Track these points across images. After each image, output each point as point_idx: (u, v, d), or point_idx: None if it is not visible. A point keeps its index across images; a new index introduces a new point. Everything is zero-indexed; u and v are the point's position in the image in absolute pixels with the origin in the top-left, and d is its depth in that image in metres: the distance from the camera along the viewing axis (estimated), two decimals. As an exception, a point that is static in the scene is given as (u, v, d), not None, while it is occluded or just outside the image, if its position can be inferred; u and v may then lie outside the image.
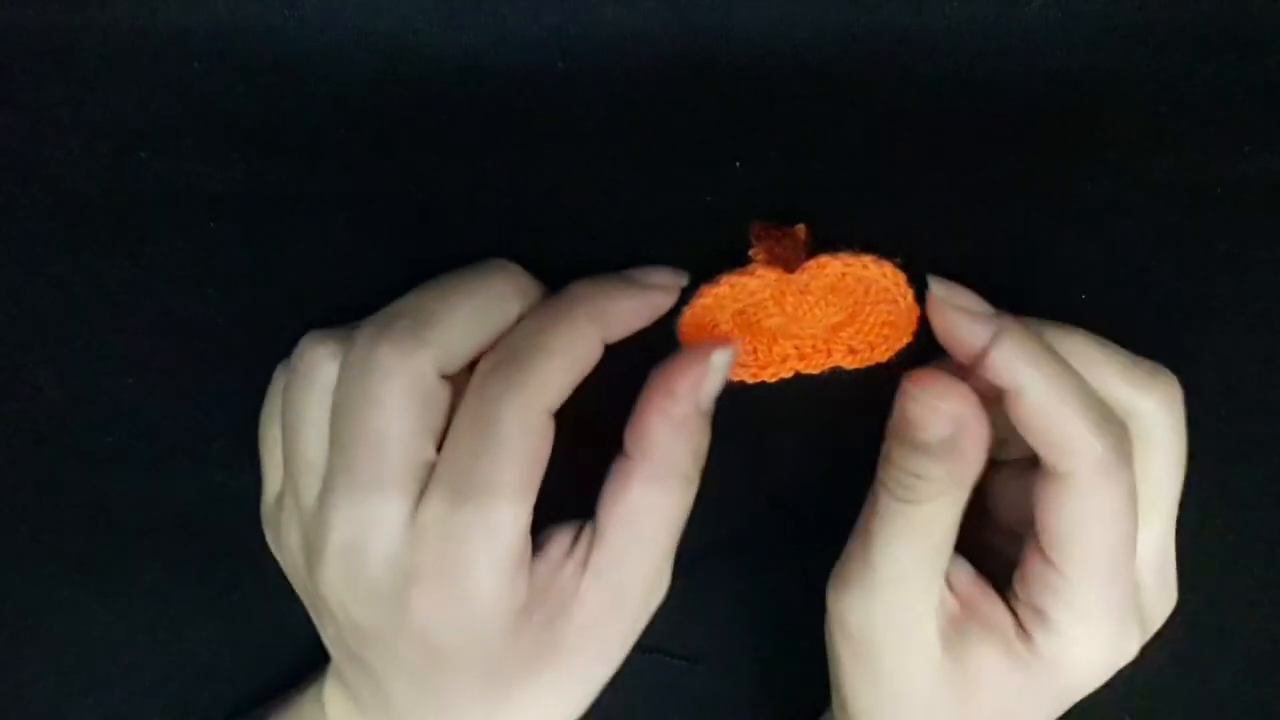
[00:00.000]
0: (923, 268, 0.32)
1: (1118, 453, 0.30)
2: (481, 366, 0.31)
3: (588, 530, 0.32)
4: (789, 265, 0.32)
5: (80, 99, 0.32)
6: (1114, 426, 0.30)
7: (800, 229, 0.33)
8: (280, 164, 0.33)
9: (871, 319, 0.34)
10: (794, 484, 0.39)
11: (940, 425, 0.30)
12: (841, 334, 0.34)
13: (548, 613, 0.31)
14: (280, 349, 0.34)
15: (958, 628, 0.32)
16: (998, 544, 0.35)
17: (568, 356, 0.30)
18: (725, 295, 0.32)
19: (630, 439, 0.31)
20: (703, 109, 0.32)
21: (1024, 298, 0.34)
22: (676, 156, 0.33)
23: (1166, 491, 0.32)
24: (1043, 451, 0.30)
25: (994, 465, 0.36)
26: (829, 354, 0.35)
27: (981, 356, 0.30)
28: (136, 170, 0.33)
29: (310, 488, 0.32)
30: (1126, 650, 0.32)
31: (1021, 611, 0.32)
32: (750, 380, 0.35)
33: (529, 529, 0.30)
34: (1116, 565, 0.31)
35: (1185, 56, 0.31)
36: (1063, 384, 0.30)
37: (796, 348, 0.35)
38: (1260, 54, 0.32)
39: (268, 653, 0.40)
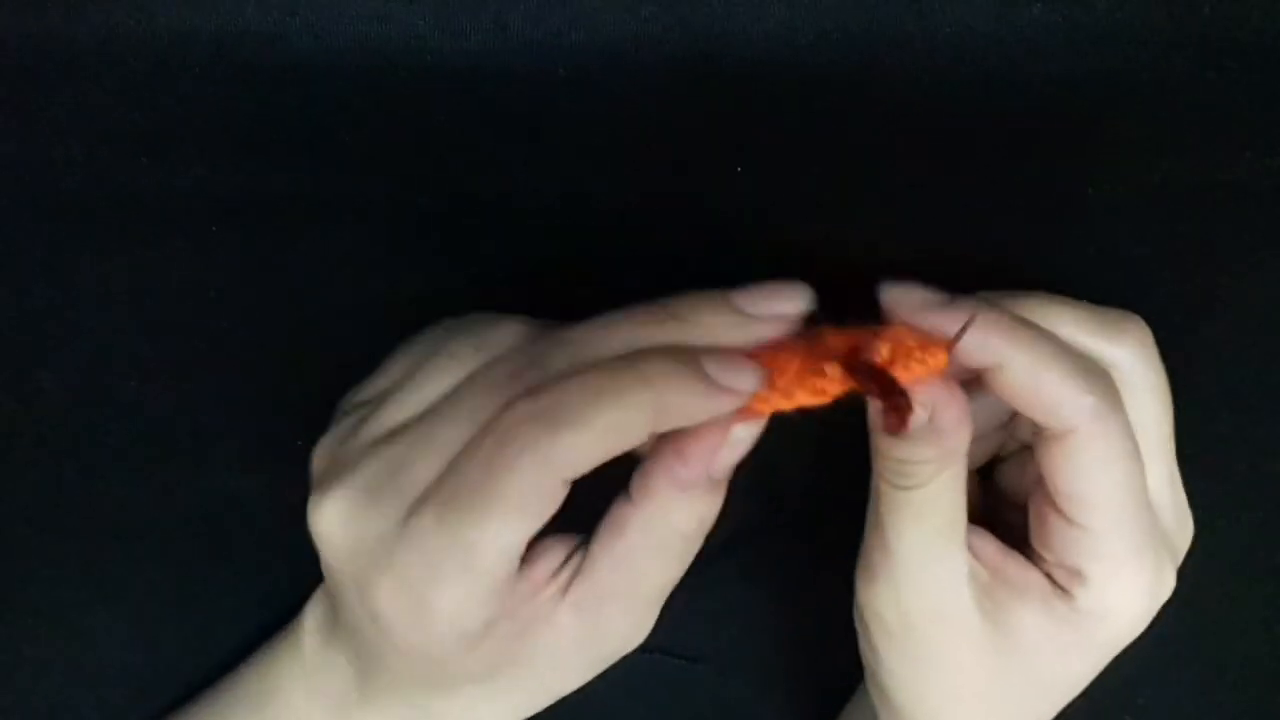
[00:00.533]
0: (932, 270, 0.32)
1: (1108, 398, 0.30)
2: (515, 401, 0.29)
3: (579, 556, 0.31)
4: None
5: (82, 104, 0.32)
6: (1098, 375, 0.30)
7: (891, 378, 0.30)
8: (282, 168, 0.33)
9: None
10: (794, 483, 0.39)
11: (917, 411, 0.29)
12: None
13: (515, 629, 0.30)
14: (283, 352, 0.34)
15: (991, 595, 0.32)
16: (1016, 521, 0.35)
17: (608, 436, 0.28)
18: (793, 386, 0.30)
19: (635, 485, 0.31)
20: (703, 114, 0.32)
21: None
22: (677, 161, 0.33)
23: (1160, 428, 0.33)
24: (1037, 417, 0.30)
25: (999, 459, 0.36)
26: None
27: (951, 344, 0.30)
28: (139, 174, 0.33)
29: (378, 424, 0.31)
30: (1165, 585, 0.32)
31: (1054, 572, 0.32)
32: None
33: (518, 558, 0.30)
34: (1135, 505, 0.31)
35: (1187, 61, 0.31)
36: (1038, 349, 0.30)
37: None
38: (1261, 59, 0.32)
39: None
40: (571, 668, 0.32)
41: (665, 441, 0.30)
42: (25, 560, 0.39)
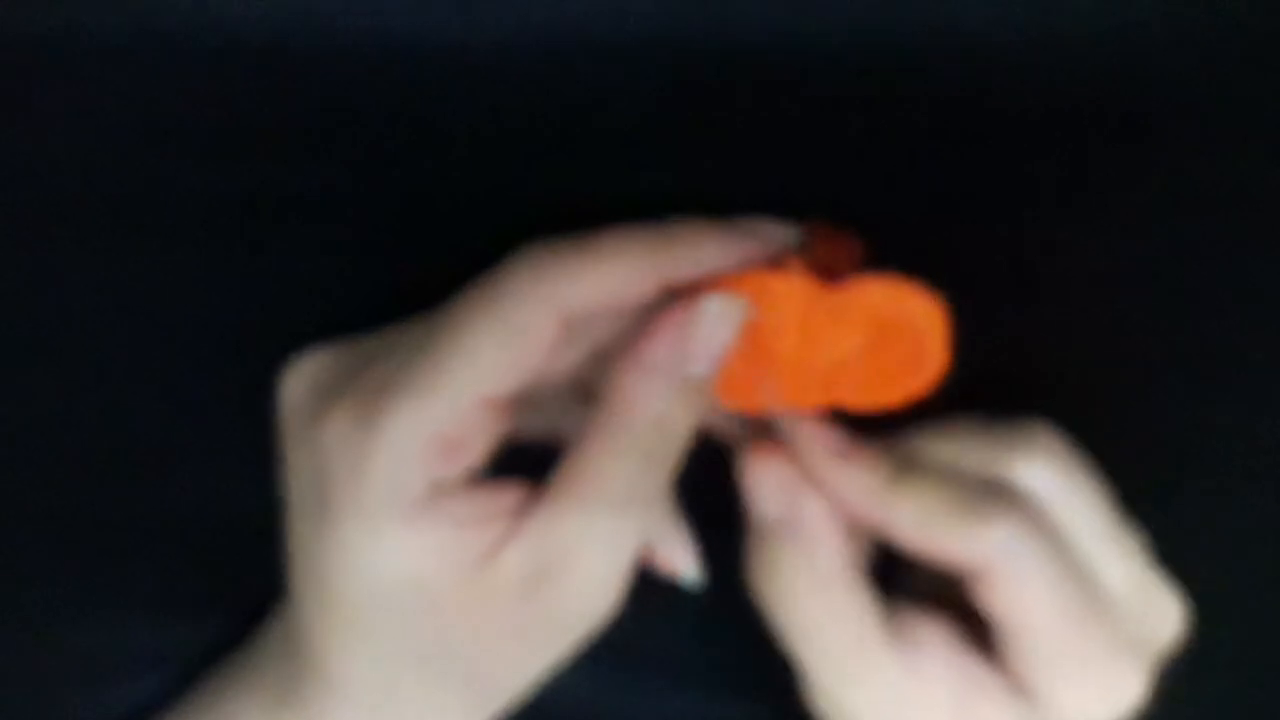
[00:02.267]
0: (962, 273, 0.32)
1: (1016, 528, 0.28)
2: None
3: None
4: (831, 275, 0.28)
5: (84, 102, 0.31)
6: (998, 508, 0.28)
7: (853, 236, 0.30)
8: (286, 167, 0.33)
9: (891, 352, 0.30)
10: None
11: (772, 500, 0.29)
12: (850, 369, 0.30)
13: (456, 557, 0.28)
14: (286, 353, 0.34)
15: (953, 695, 0.31)
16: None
17: (611, 268, 0.27)
18: (747, 290, 0.28)
19: (604, 385, 0.29)
20: (728, 109, 0.32)
21: (1062, 304, 0.34)
22: (687, 158, 0.33)
23: (1098, 528, 0.31)
24: (944, 565, 0.29)
25: None
26: (830, 389, 0.31)
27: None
28: (140, 173, 0.33)
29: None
30: (1128, 688, 0.31)
31: (1009, 676, 0.31)
32: (735, 409, 0.31)
33: (490, 400, 0.28)
34: (1077, 621, 0.29)
35: (1232, 62, 0.31)
36: (916, 504, 0.28)
37: (795, 379, 0.30)
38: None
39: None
40: (519, 639, 0.30)
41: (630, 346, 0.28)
42: (16, 563, 0.39)
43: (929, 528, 0.28)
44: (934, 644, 0.31)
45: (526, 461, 0.31)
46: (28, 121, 0.32)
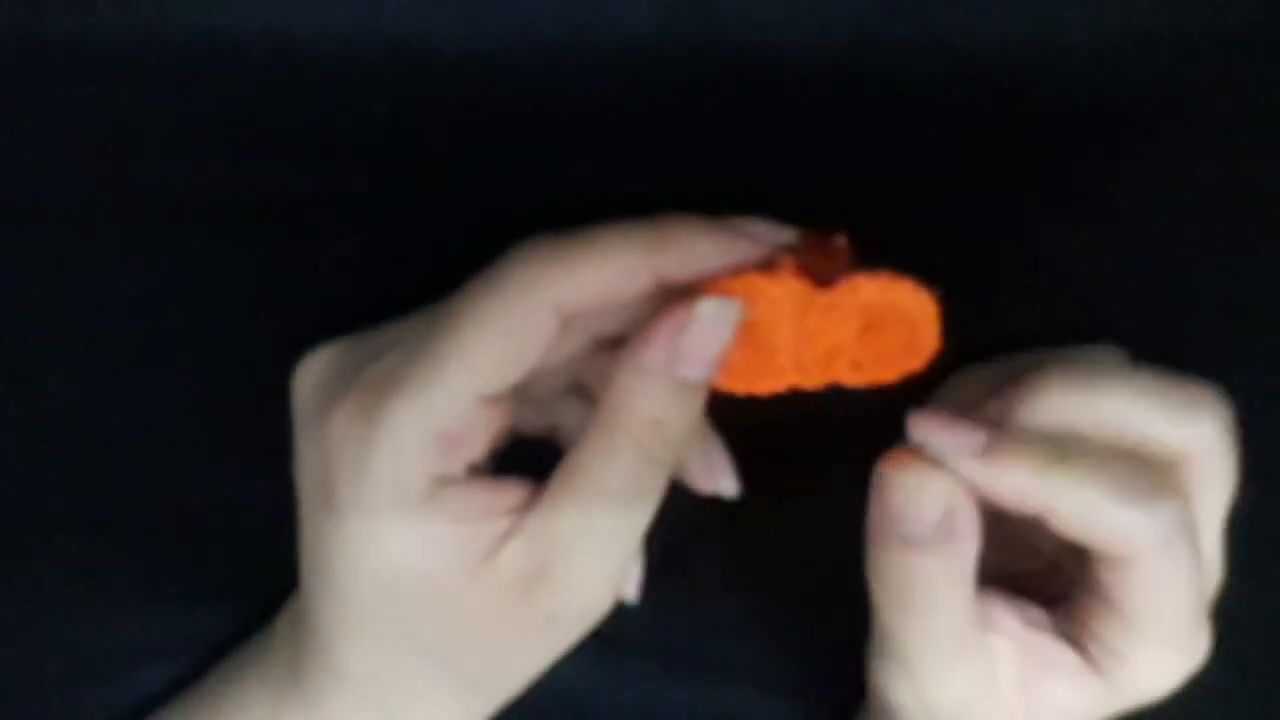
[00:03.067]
0: (961, 277, 0.31)
1: (1177, 520, 0.28)
2: None
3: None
4: (823, 279, 0.29)
5: (96, 104, 0.32)
6: (1163, 493, 0.28)
7: (842, 241, 0.30)
8: (295, 167, 0.33)
9: (886, 339, 0.31)
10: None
11: (930, 507, 0.28)
12: (848, 350, 0.31)
13: (456, 550, 0.29)
14: (295, 350, 0.34)
15: (1023, 672, 0.31)
16: (1024, 539, 0.33)
17: (607, 263, 0.28)
18: (742, 293, 0.29)
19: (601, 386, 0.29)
20: (730, 114, 0.32)
21: (1064, 305, 0.34)
22: (696, 160, 0.33)
23: (1219, 509, 0.31)
24: (1095, 550, 0.28)
25: None
26: (829, 368, 0.31)
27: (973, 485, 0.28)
28: (150, 173, 0.33)
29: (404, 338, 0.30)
30: (1201, 648, 0.31)
31: (1090, 646, 0.31)
32: (739, 392, 0.31)
33: (487, 394, 0.28)
34: (1192, 608, 0.30)
35: (1227, 64, 0.31)
36: (1087, 487, 0.27)
37: (796, 360, 0.31)
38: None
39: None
40: (516, 635, 0.30)
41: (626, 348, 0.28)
42: (27, 559, 0.39)
43: (1088, 516, 0.28)
44: (1007, 624, 0.31)
45: (531, 458, 0.31)
46: (38, 123, 0.33)
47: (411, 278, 0.35)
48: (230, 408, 0.38)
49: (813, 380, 0.31)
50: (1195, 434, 0.29)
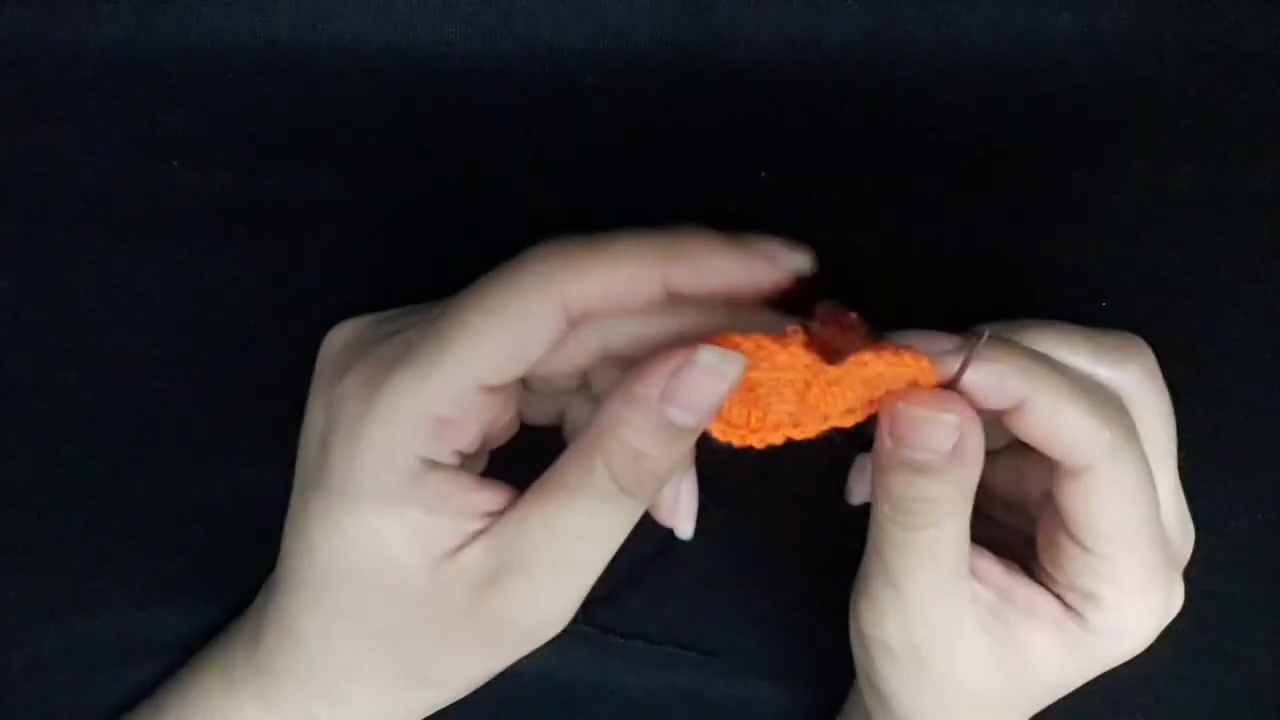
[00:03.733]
0: (948, 277, 0.32)
1: (1125, 433, 0.30)
2: None
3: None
4: (832, 353, 0.28)
5: (112, 107, 0.32)
6: (1113, 409, 0.30)
7: (855, 318, 0.29)
8: (306, 173, 0.33)
9: (886, 397, 0.31)
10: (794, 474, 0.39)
11: (944, 438, 0.29)
12: (848, 412, 0.31)
13: (430, 547, 0.29)
14: (306, 353, 0.34)
15: (1000, 617, 0.33)
16: (1009, 519, 0.35)
17: (620, 265, 0.28)
18: (748, 352, 0.28)
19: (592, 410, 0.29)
20: (731, 120, 0.32)
21: (1047, 306, 0.34)
22: (703, 167, 0.33)
23: (1165, 446, 0.33)
24: (1055, 455, 0.30)
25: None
26: (825, 419, 0.31)
27: (961, 382, 0.29)
28: (168, 177, 0.33)
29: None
30: (1175, 601, 0.33)
31: (1065, 593, 0.32)
32: (737, 443, 0.30)
33: (488, 385, 0.28)
34: (1150, 532, 0.31)
35: (1211, 69, 0.31)
36: (1056, 388, 0.29)
37: (794, 420, 0.30)
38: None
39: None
40: (466, 634, 0.30)
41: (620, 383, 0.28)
42: (44, 553, 0.39)
43: (1057, 415, 0.29)
44: (989, 572, 0.33)
45: (538, 456, 0.31)
46: (47, 128, 0.33)
47: (416, 281, 0.35)
48: (237, 408, 0.38)
49: (808, 435, 0.31)
50: (1127, 376, 0.31)
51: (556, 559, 0.29)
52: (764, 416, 0.30)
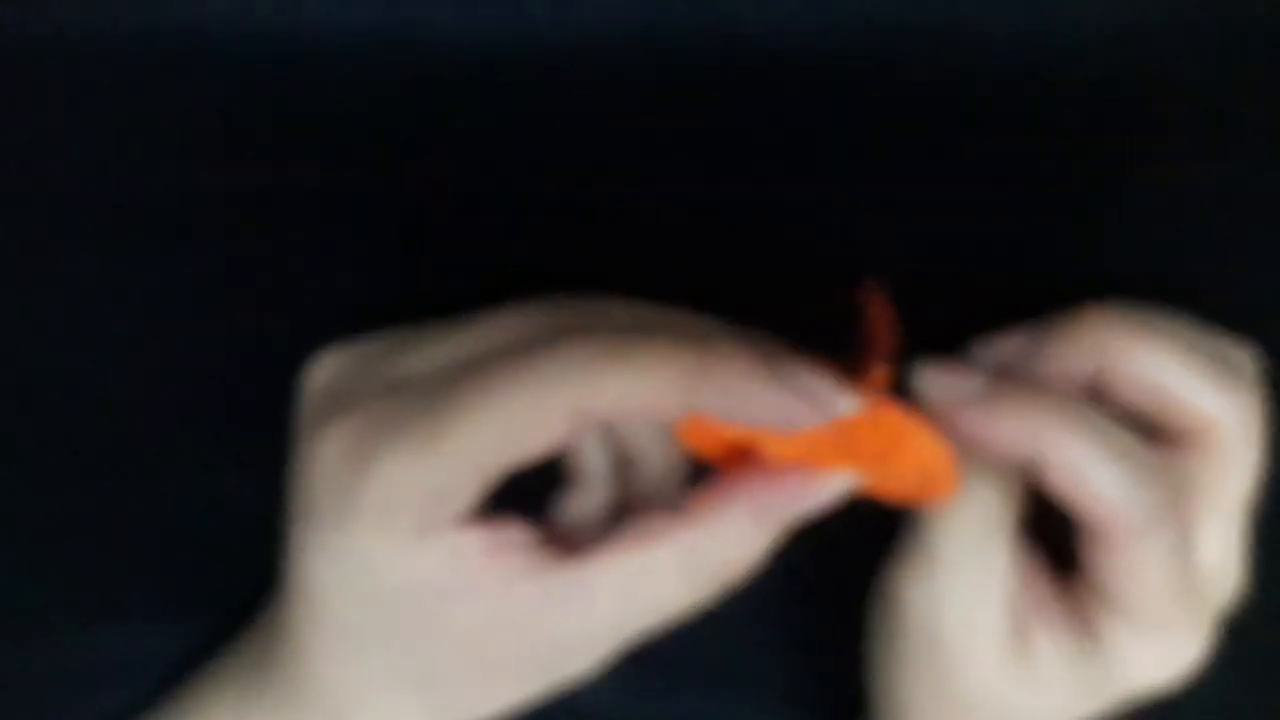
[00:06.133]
0: (951, 275, 0.31)
1: (1158, 512, 0.28)
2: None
3: (562, 551, 0.29)
4: (861, 354, 0.27)
5: (100, 101, 0.32)
6: (1154, 484, 0.28)
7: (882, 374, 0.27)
8: (308, 167, 0.33)
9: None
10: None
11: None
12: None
13: (450, 579, 0.28)
14: (292, 354, 0.34)
15: (1020, 614, 0.31)
16: (1054, 520, 0.34)
17: (644, 382, 0.26)
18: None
19: (697, 502, 0.28)
20: (727, 112, 0.32)
21: (1059, 304, 0.34)
22: (702, 166, 0.33)
23: (1234, 498, 0.30)
24: (1079, 514, 0.28)
25: None
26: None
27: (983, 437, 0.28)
28: (153, 173, 0.33)
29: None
30: (1194, 649, 0.31)
31: (1085, 613, 0.31)
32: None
33: (485, 479, 0.27)
34: (1174, 596, 0.29)
35: (1229, 61, 0.31)
36: (1086, 448, 0.27)
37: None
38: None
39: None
40: (499, 663, 0.30)
41: (746, 467, 0.28)
42: (25, 563, 0.39)
43: (1075, 477, 0.27)
44: (1021, 559, 0.31)
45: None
46: (42, 121, 0.33)
47: (410, 275, 0.35)
48: (233, 407, 0.38)
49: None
50: (1227, 407, 0.28)
51: (627, 621, 0.29)
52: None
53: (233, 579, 0.39)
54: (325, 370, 0.30)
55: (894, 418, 0.27)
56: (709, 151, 0.33)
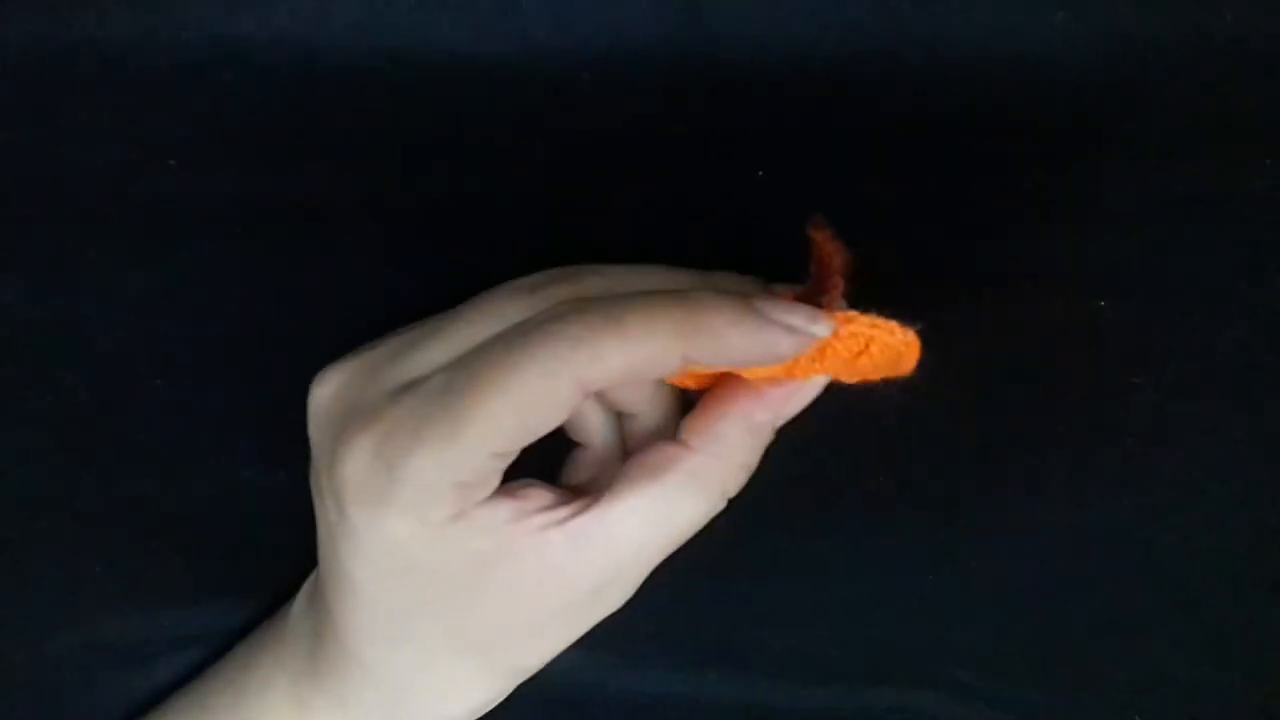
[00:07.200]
0: (946, 277, 0.32)
1: None
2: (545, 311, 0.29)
3: (588, 497, 0.30)
4: (820, 279, 0.30)
5: (109, 108, 0.32)
6: None
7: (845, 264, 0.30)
8: (306, 173, 0.33)
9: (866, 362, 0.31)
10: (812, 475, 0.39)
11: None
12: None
13: (485, 550, 0.29)
14: (304, 353, 0.34)
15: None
16: None
17: (642, 347, 0.27)
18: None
19: (694, 430, 0.30)
20: (727, 119, 0.32)
21: (1044, 307, 0.34)
22: (701, 166, 0.33)
23: None
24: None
25: None
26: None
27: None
28: (166, 178, 0.33)
29: (393, 336, 0.31)
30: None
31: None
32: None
33: (505, 458, 0.29)
34: None
35: (1208, 70, 0.31)
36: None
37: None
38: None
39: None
40: (544, 615, 0.31)
41: (739, 389, 0.30)
42: (45, 556, 0.39)
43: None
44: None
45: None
46: (51, 128, 0.33)
47: (413, 279, 0.35)
48: (243, 405, 0.38)
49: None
50: None
51: (653, 550, 0.31)
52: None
53: (245, 565, 0.40)
54: (330, 385, 0.31)
55: (860, 326, 0.29)
56: (707, 154, 0.33)
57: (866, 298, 0.35)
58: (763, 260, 0.35)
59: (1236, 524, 0.39)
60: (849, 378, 0.31)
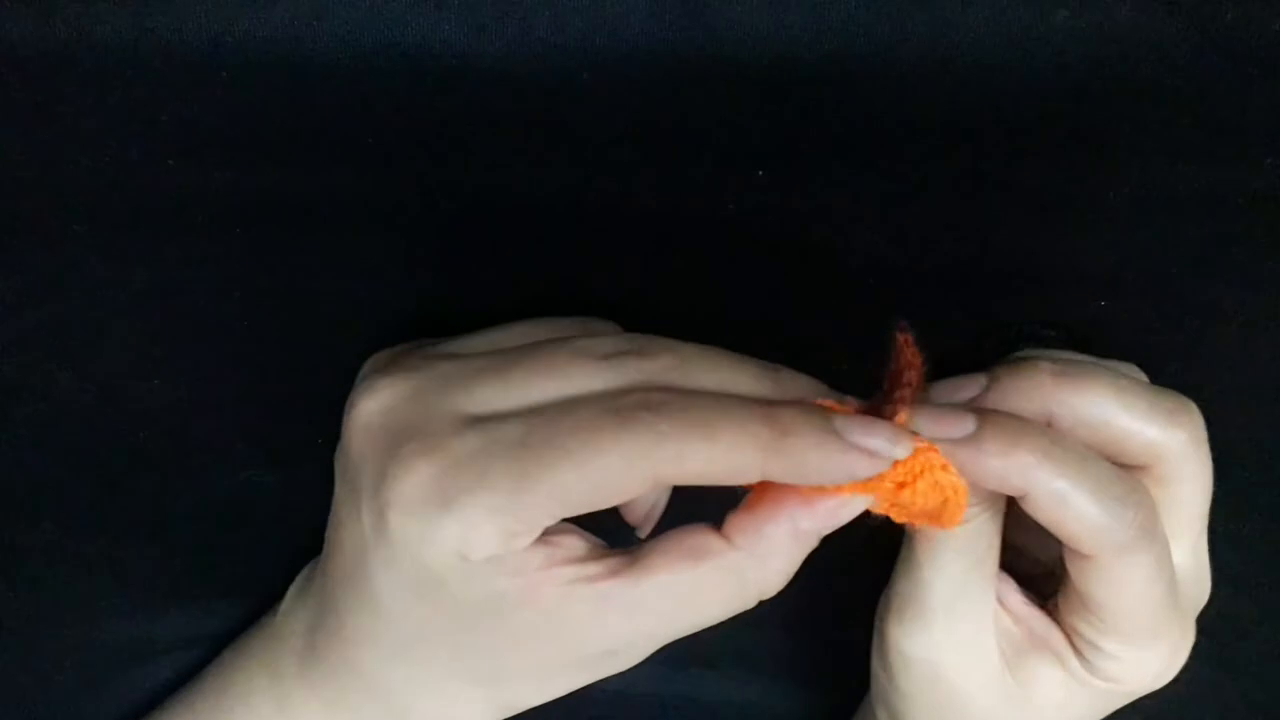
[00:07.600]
0: (946, 277, 0.32)
1: (1141, 531, 0.29)
2: (640, 391, 0.29)
3: (620, 559, 0.30)
4: (889, 391, 0.29)
5: (109, 107, 0.32)
6: (1132, 505, 0.29)
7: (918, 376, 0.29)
8: (307, 171, 0.33)
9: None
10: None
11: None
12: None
13: (512, 591, 0.29)
14: (304, 353, 0.34)
15: (1015, 646, 0.33)
16: (1026, 544, 0.35)
17: (724, 457, 0.27)
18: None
19: (738, 527, 0.29)
20: (728, 118, 0.32)
21: (1046, 305, 0.34)
22: (700, 166, 0.33)
23: (1196, 513, 0.32)
24: (1065, 541, 0.30)
25: None
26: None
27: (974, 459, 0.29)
28: (166, 177, 0.33)
29: (447, 348, 0.32)
30: (1181, 653, 0.33)
31: (1073, 636, 0.32)
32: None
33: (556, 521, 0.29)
34: (1161, 608, 0.31)
35: (1208, 70, 0.31)
36: (1068, 478, 0.29)
37: None
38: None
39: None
40: (555, 663, 0.31)
41: (780, 492, 0.29)
42: (45, 558, 0.39)
43: (1066, 508, 0.29)
44: (1011, 599, 0.33)
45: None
46: (51, 127, 0.33)
47: (413, 279, 0.35)
48: (243, 405, 0.38)
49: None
50: (1174, 440, 0.31)
51: (669, 630, 0.30)
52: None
53: (245, 565, 0.39)
54: (379, 398, 0.31)
55: (920, 454, 0.28)
56: (707, 153, 0.33)
57: (867, 301, 0.35)
58: (763, 260, 0.35)
59: (1237, 524, 0.39)
60: (889, 509, 0.30)
